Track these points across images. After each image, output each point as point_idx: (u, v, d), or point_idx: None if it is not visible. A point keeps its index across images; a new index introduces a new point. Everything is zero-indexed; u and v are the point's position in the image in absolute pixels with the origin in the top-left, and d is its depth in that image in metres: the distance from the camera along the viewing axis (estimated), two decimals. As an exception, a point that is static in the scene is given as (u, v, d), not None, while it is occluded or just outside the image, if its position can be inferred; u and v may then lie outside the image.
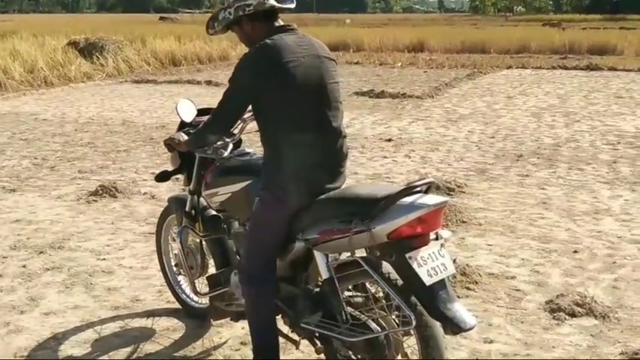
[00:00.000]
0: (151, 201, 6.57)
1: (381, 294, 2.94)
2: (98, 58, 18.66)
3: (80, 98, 14.22)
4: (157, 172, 4.02)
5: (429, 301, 2.62)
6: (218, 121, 3.15)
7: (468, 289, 4.42)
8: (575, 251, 5.15)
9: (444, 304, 2.61)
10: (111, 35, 21.83)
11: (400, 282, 2.72)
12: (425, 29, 35.15)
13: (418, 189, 2.73)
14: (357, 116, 11.47)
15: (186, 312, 4.15)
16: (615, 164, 8.00)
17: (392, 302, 2.80)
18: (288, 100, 2.90)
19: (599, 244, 5.31)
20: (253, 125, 3.49)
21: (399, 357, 2.94)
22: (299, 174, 2.93)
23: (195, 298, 4.13)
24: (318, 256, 2.95)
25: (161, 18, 59.94)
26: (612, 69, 19.03)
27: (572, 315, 4.04)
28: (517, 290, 4.46)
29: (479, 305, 4.21)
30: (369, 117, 11.50)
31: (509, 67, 20.00)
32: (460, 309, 2.63)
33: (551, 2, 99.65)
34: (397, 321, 2.83)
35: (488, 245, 5.31)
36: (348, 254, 2.88)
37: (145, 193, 6.82)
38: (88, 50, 19.18)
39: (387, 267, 2.77)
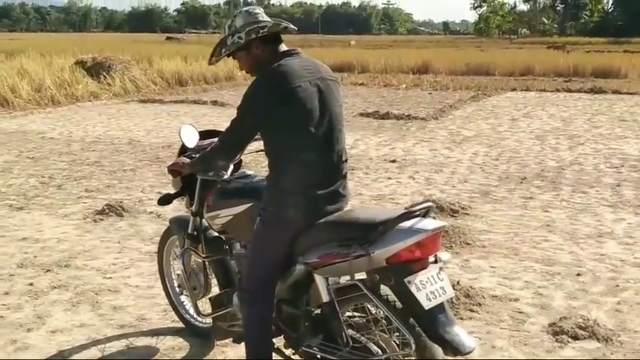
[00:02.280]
0: (157, 220, 6.62)
1: (381, 316, 2.96)
2: (105, 77, 18.80)
3: (87, 117, 14.32)
4: (160, 195, 4.08)
5: (428, 325, 2.66)
6: (227, 147, 3.22)
7: (472, 310, 4.44)
8: (579, 274, 5.17)
9: (443, 328, 2.65)
10: (118, 55, 21.99)
11: (399, 305, 2.75)
12: (430, 51, 35.35)
13: (417, 213, 2.77)
14: (361, 137, 11.53)
15: (191, 331, 4.18)
16: (619, 187, 8.03)
17: (392, 324, 2.83)
18: (295, 124, 2.97)
19: (602, 268, 5.33)
20: (253, 146, 3.58)
21: None
22: (300, 193, 2.99)
23: (199, 318, 4.16)
24: (319, 279, 2.99)
25: (168, 38, 60.35)
26: (616, 92, 19.10)
27: (575, 338, 4.06)
28: (520, 312, 4.48)
29: (482, 327, 4.23)
30: (374, 138, 11.57)
31: (514, 90, 20.09)
32: (460, 332, 2.66)
33: (555, 25, 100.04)
34: (397, 343, 2.86)
35: (492, 267, 5.33)
36: (348, 277, 2.92)
37: (151, 213, 6.87)
38: (95, 70, 19.32)
39: (386, 290, 2.80)
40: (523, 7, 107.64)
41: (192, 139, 3.73)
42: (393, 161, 9.56)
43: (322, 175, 3.02)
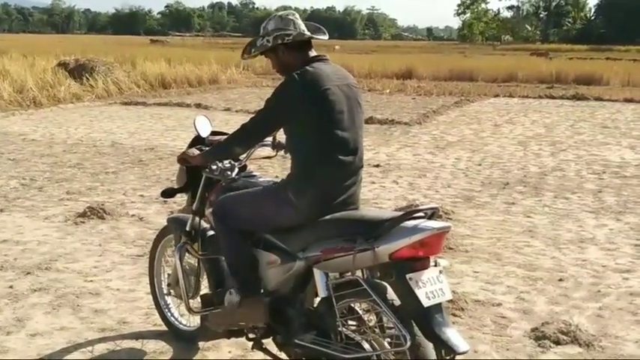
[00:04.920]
0: (139, 223, 6.57)
1: (373, 319, 2.99)
2: (88, 79, 18.67)
3: (69, 119, 14.22)
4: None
5: (425, 323, 2.70)
6: (247, 135, 3.31)
7: (455, 315, 4.44)
8: (561, 279, 5.20)
9: (439, 327, 2.69)
10: (101, 57, 21.90)
11: (397, 303, 2.79)
12: (414, 57, 35.43)
13: (422, 213, 2.84)
14: (345, 142, 11.49)
15: (174, 334, 4.16)
16: (600, 193, 8.09)
17: (385, 325, 2.88)
18: (323, 125, 3.10)
19: (584, 273, 5.36)
20: (260, 152, 3.65)
21: None
22: (320, 189, 3.10)
23: (184, 321, 4.15)
24: (318, 274, 3.01)
25: (152, 40, 60.14)
26: (598, 99, 19.26)
27: (557, 343, 4.08)
28: (503, 317, 4.49)
29: (465, 332, 4.23)
30: (358, 143, 11.53)
31: (497, 96, 20.19)
32: (454, 333, 2.71)
33: (538, 32, 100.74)
34: (390, 342, 2.88)
35: (475, 272, 5.35)
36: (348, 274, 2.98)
37: (133, 215, 6.82)
38: (78, 71, 19.20)
39: (384, 288, 2.85)
40: (507, 13, 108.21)
41: (205, 129, 3.80)
42: (377, 166, 9.57)
43: (344, 177, 3.16)
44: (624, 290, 5.00)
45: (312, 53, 3.28)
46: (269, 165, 8.77)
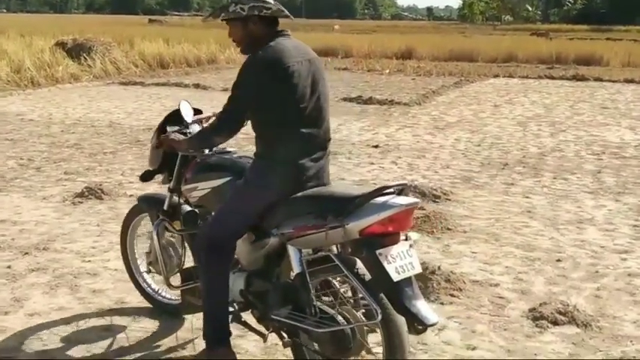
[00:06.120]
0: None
1: (349, 293, 3.08)
2: (86, 59, 18.56)
3: (67, 99, 14.16)
4: (141, 173, 4.13)
5: (395, 297, 2.77)
6: (226, 124, 3.28)
7: (452, 295, 4.44)
8: (559, 260, 5.20)
9: (409, 300, 2.75)
10: (99, 36, 21.72)
11: (368, 278, 2.86)
12: (413, 37, 35.27)
13: (391, 190, 2.88)
14: (344, 122, 11.49)
15: (158, 308, 4.19)
16: (599, 174, 8.07)
17: (359, 298, 2.97)
18: (288, 100, 3.10)
19: (582, 254, 5.36)
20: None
21: (363, 352, 3.06)
22: (289, 164, 3.11)
23: (168, 295, 4.17)
24: (292, 250, 3.08)
25: (150, 20, 59.83)
26: (598, 79, 19.20)
27: (555, 323, 4.08)
28: (501, 298, 4.49)
29: (463, 312, 4.24)
30: (357, 123, 11.53)
31: (497, 76, 20.13)
32: (424, 306, 2.77)
33: (538, 12, 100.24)
34: (363, 316, 2.96)
35: (473, 253, 5.34)
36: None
37: (131, 195, 6.79)
38: (76, 51, 19.08)
39: (357, 263, 2.91)
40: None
41: (189, 114, 3.80)
42: (376, 146, 9.54)
43: (311, 150, 3.16)
44: (622, 271, 5.00)
45: (277, 28, 3.28)
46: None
